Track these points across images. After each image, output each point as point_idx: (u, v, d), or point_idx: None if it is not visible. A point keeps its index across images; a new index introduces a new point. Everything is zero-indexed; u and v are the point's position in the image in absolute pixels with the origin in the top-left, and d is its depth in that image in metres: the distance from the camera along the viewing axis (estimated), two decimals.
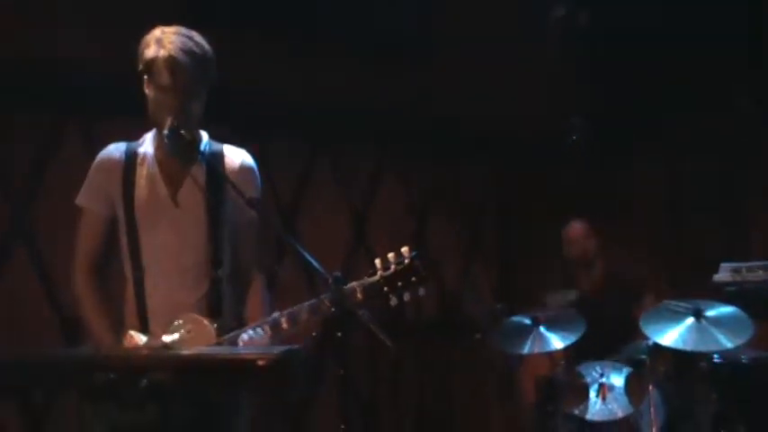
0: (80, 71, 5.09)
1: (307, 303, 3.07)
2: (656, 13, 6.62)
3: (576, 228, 5.94)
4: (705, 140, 6.85)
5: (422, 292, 3.06)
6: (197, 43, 3.19)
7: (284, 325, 3.08)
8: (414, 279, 3.04)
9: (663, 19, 6.62)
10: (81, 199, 3.29)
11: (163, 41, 3.16)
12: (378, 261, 3.06)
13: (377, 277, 3.04)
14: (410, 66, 6.54)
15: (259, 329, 3.08)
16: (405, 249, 3.07)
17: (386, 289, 3.03)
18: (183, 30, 3.21)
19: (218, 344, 3.08)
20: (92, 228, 3.26)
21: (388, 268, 3.05)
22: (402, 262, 3.05)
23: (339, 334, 2.83)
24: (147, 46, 3.19)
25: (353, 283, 3.02)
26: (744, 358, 5.04)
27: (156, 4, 4.97)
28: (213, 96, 3.27)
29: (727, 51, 6.53)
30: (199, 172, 3.24)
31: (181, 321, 3.10)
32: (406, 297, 3.04)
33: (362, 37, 6.18)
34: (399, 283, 3.03)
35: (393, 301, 3.04)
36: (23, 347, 3.67)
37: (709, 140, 6.82)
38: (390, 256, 3.06)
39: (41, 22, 5.03)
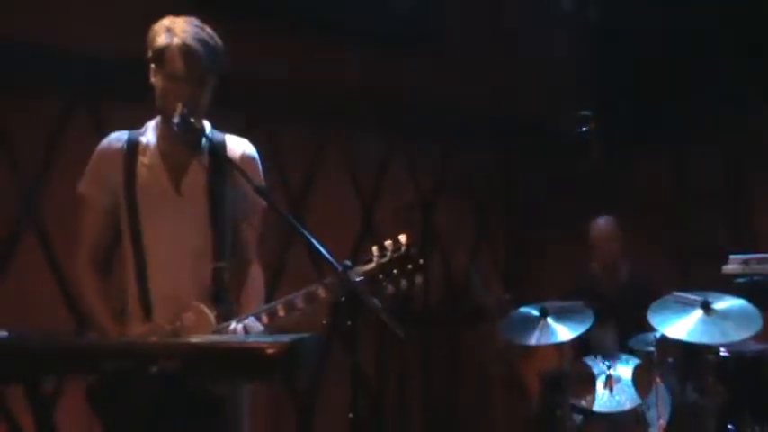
0: (90, 56, 5.09)
1: (302, 291, 3.07)
2: (661, 13, 6.62)
3: (602, 228, 5.86)
4: (709, 132, 6.84)
5: (418, 280, 3.04)
6: (209, 34, 3.19)
7: (280, 312, 3.08)
8: (410, 267, 3.03)
9: (667, 18, 6.62)
10: (82, 188, 3.29)
11: (174, 30, 3.15)
12: (375, 248, 3.06)
13: (373, 264, 3.03)
14: (418, 54, 6.53)
15: (253, 318, 3.09)
16: (402, 237, 3.06)
17: (381, 276, 3.02)
18: (193, 20, 3.21)
19: (216, 332, 3.09)
20: (93, 217, 3.27)
21: (385, 255, 3.04)
22: (399, 249, 3.04)
23: (349, 322, 2.83)
24: (157, 34, 3.17)
25: (346, 272, 2.99)
26: (751, 351, 5.04)
27: None
28: (225, 86, 3.27)
29: (731, 52, 6.52)
30: (202, 161, 3.24)
31: (183, 308, 3.11)
32: (403, 285, 3.03)
33: (370, 25, 6.17)
34: (395, 271, 3.02)
35: (389, 288, 3.03)
36: (32, 333, 3.67)
37: (713, 131, 6.81)
38: (387, 243, 3.05)
39: (51, 7, 5.03)
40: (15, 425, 4.87)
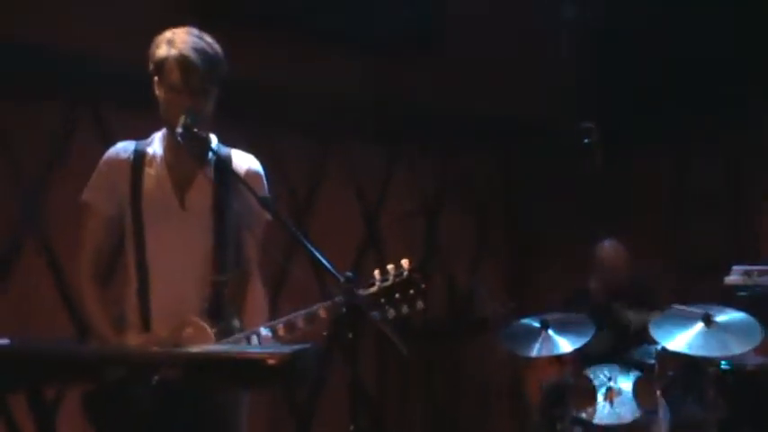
0: (92, 61, 5.09)
1: (303, 311, 3.08)
2: (661, 13, 6.63)
3: (611, 252, 5.84)
4: (710, 140, 6.85)
5: (420, 305, 3.05)
6: (208, 43, 3.20)
7: (281, 332, 3.09)
8: (412, 292, 3.04)
9: (667, 18, 6.63)
10: (87, 196, 3.30)
11: (174, 41, 3.17)
12: (377, 272, 3.07)
13: (374, 289, 3.04)
14: (418, 58, 6.53)
15: (265, 331, 3.09)
16: (404, 262, 3.07)
17: (383, 301, 3.03)
18: (193, 30, 3.23)
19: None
20: (97, 225, 3.28)
21: (387, 280, 3.05)
22: (401, 274, 3.05)
23: (350, 335, 2.84)
24: (158, 46, 3.20)
25: (350, 297, 2.98)
26: (752, 364, 5.04)
27: (161, 3, 4.99)
28: (226, 94, 3.28)
29: (731, 52, 6.53)
30: (207, 174, 3.25)
31: (182, 323, 3.12)
32: (404, 310, 3.04)
33: (371, 33, 6.18)
34: (397, 296, 3.04)
35: (391, 313, 3.04)
36: (35, 340, 3.67)
37: (713, 132, 6.82)
38: (390, 267, 3.06)
39: (54, 12, 5.03)
40: (15, 428, 4.86)
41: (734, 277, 5.28)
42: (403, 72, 6.42)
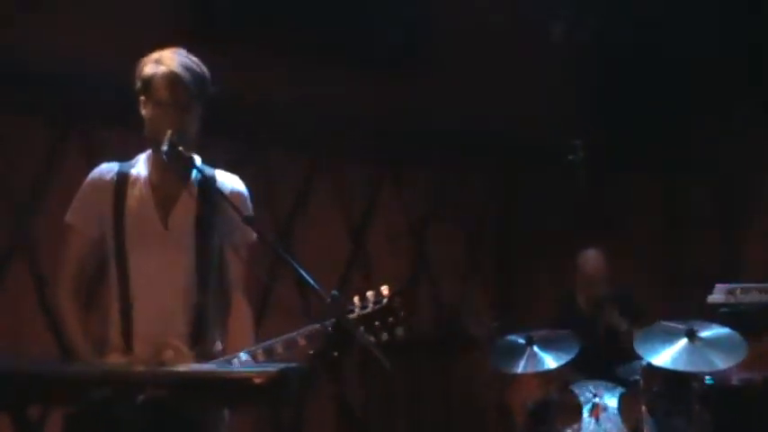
0: (82, 84, 5.09)
1: (305, 329, 3.06)
2: (655, 29, 6.66)
3: (591, 261, 5.87)
4: (701, 157, 6.88)
5: (400, 332, 3.03)
6: (195, 62, 3.23)
7: (279, 350, 3.08)
8: (391, 320, 3.02)
9: (662, 34, 6.66)
10: (70, 217, 3.30)
11: (162, 59, 3.20)
12: (356, 299, 3.05)
13: (353, 316, 3.02)
14: (408, 79, 6.54)
15: (245, 356, 3.08)
16: (384, 288, 3.06)
17: (362, 328, 3.00)
18: (180, 50, 3.25)
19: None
20: (80, 247, 3.27)
21: (366, 307, 3.03)
22: (380, 301, 3.03)
23: (336, 353, 2.83)
24: (145, 65, 3.22)
25: (330, 320, 2.96)
26: (736, 379, 5.06)
27: (158, 19, 5.00)
28: (213, 110, 3.29)
29: (727, 66, 6.56)
30: (191, 194, 3.25)
31: (162, 345, 3.11)
32: (384, 338, 3.02)
33: (361, 50, 6.19)
34: (376, 323, 3.02)
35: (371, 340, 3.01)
36: (20, 361, 3.66)
37: (705, 157, 6.84)
38: (369, 294, 3.04)
39: (42, 34, 5.03)
40: None
41: (717, 296, 5.31)
42: (395, 92, 6.43)
